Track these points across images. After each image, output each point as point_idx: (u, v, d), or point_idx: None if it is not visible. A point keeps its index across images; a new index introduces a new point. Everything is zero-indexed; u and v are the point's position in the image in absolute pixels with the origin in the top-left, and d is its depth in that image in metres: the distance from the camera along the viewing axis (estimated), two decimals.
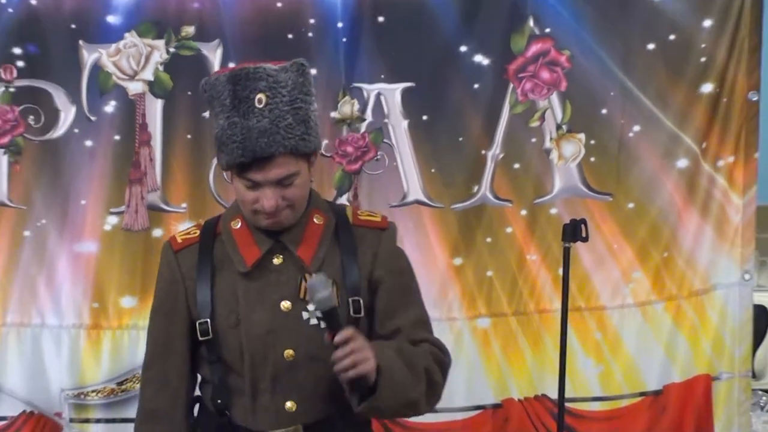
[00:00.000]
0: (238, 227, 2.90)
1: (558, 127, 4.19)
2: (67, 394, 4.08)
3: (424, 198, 4.17)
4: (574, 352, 4.09)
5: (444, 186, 4.17)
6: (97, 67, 4.08)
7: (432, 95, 4.14)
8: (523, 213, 4.20)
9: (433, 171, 4.16)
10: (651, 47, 4.17)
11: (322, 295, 2.62)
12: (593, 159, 4.20)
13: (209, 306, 2.86)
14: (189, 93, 3.99)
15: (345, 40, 4.11)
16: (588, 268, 4.21)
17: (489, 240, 4.19)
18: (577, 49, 4.16)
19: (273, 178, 2.75)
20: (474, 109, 4.16)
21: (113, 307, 4.07)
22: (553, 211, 4.20)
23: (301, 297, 2.82)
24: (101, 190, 4.10)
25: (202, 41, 4.08)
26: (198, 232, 2.95)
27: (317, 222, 2.89)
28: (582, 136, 4.20)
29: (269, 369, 2.81)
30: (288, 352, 2.80)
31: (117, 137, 4.10)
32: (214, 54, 4.08)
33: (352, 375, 2.65)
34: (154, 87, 4.09)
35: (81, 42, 4.07)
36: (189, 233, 2.97)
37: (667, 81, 4.19)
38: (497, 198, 4.18)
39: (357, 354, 2.65)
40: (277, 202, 2.77)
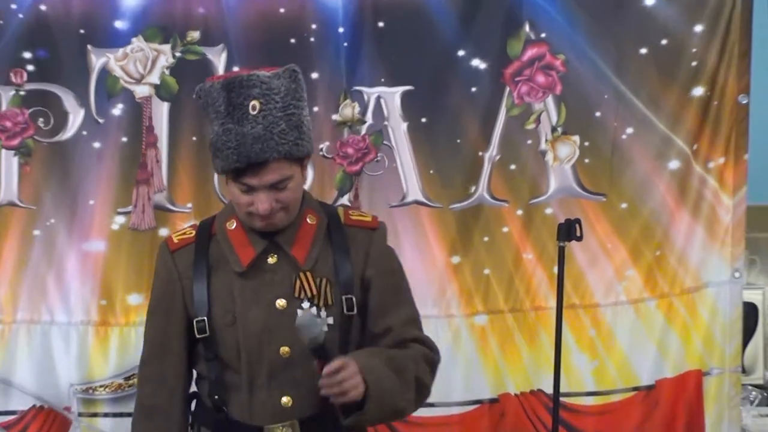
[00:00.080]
0: (233, 228, 2.92)
1: (553, 130, 4.19)
2: (76, 389, 4.09)
3: (422, 198, 4.17)
4: (568, 348, 4.09)
5: (442, 186, 4.16)
6: (105, 71, 4.06)
7: (430, 98, 4.14)
8: (519, 213, 4.20)
9: (432, 172, 4.16)
10: (643, 52, 4.16)
11: (312, 334, 2.67)
12: (587, 160, 4.20)
13: (206, 305, 2.88)
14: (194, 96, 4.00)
15: (346, 44, 4.11)
16: (582, 266, 4.20)
17: (486, 239, 4.19)
18: (572, 54, 4.15)
19: (267, 182, 2.78)
20: (471, 112, 4.16)
21: (120, 305, 4.07)
22: (549, 211, 4.20)
23: (296, 295, 2.85)
24: (109, 190, 4.10)
25: (207, 46, 4.07)
26: (194, 232, 2.98)
27: (310, 222, 2.92)
28: (576, 138, 4.20)
29: (265, 366, 2.84)
30: (284, 349, 2.83)
31: (124, 139, 4.09)
32: (218, 58, 4.08)
33: (340, 401, 2.70)
34: (160, 90, 4.08)
35: (89, 46, 4.05)
36: (185, 234, 2.99)
37: (660, 84, 4.17)
38: (494, 198, 4.19)
39: (346, 383, 2.69)
40: (272, 205, 2.80)
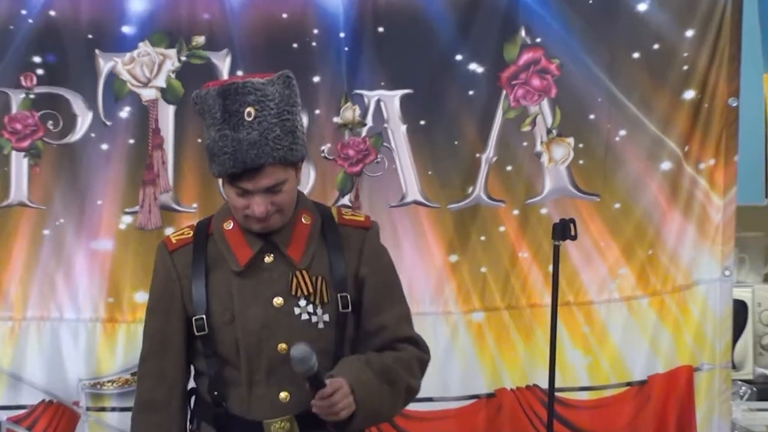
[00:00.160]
0: (230, 228, 2.93)
1: (548, 132, 4.21)
2: (84, 384, 4.10)
3: (421, 198, 4.18)
4: (563, 344, 4.10)
5: (440, 187, 4.18)
6: (113, 75, 4.07)
7: (429, 101, 4.15)
8: (516, 213, 4.21)
9: (430, 173, 4.17)
10: (636, 56, 4.17)
11: (307, 365, 2.67)
12: (581, 162, 4.21)
13: (204, 303, 2.89)
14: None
15: (347, 49, 4.12)
16: (576, 264, 4.21)
17: (483, 238, 4.20)
18: (567, 58, 4.17)
19: (263, 186, 2.79)
20: (469, 115, 4.17)
21: (128, 302, 4.07)
22: (544, 211, 4.21)
23: (293, 293, 2.86)
24: (116, 191, 4.10)
25: (211, 50, 4.08)
26: (191, 232, 2.99)
27: (305, 222, 2.93)
28: (571, 140, 4.21)
29: (264, 362, 2.85)
30: (281, 345, 2.84)
31: (131, 141, 4.10)
32: (223, 62, 4.09)
33: (331, 420, 2.72)
34: (166, 94, 4.10)
35: (97, 51, 4.06)
36: (183, 234, 3.00)
37: (652, 88, 4.19)
38: (491, 198, 4.20)
39: (337, 406, 2.73)
40: (267, 208, 2.81)
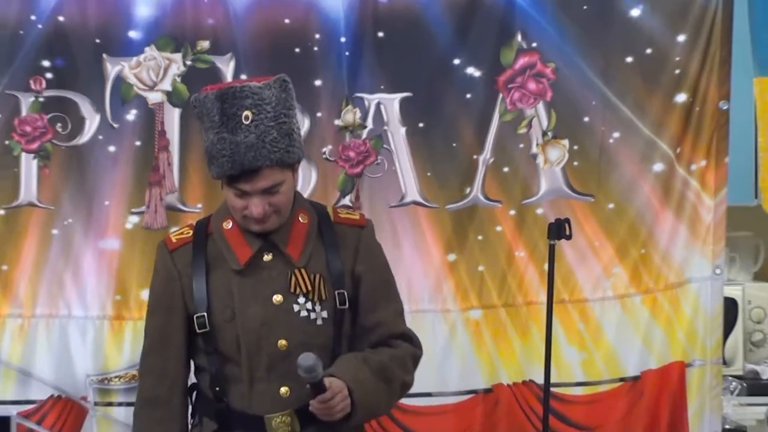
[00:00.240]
0: (229, 227, 2.95)
1: (544, 134, 4.21)
2: (92, 379, 4.11)
3: (420, 199, 4.19)
4: (558, 341, 4.11)
5: (439, 188, 4.18)
6: (120, 79, 4.08)
7: (428, 104, 4.16)
8: (512, 213, 4.22)
9: (429, 174, 4.18)
10: (629, 60, 4.18)
11: (313, 373, 2.71)
12: (576, 163, 4.22)
13: (205, 301, 2.90)
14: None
15: (348, 53, 4.13)
16: (571, 263, 4.21)
17: (480, 238, 4.21)
18: (562, 62, 4.17)
19: (260, 188, 2.81)
20: (466, 117, 4.18)
21: (134, 300, 4.08)
22: (540, 211, 4.22)
23: (292, 291, 2.87)
24: (123, 191, 4.11)
25: (216, 55, 4.09)
26: (191, 232, 3.00)
27: (302, 221, 2.95)
28: (566, 142, 4.21)
29: (264, 358, 2.86)
30: (281, 342, 2.86)
31: (138, 143, 4.11)
32: (227, 66, 4.10)
33: (327, 420, 2.74)
34: (172, 97, 4.11)
35: (104, 55, 4.07)
36: (182, 233, 3.02)
37: (644, 91, 4.20)
38: (488, 199, 4.21)
39: (335, 408, 2.75)
40: (265, 208, 2.83)
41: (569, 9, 4.16)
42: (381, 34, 4.13)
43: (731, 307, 4.61)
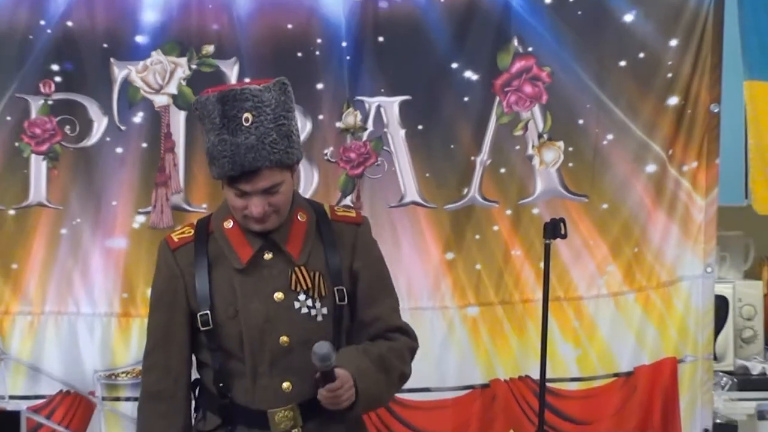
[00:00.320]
0: (230, 227, 2.95)
1: (539, 136, 4.22)
2: (100, 375, 4.12)
3: (419, 199, 4.19)
4: (554, 337, 4.12)
5: (437, 188, 4.20)
6: (127, 82, 4.09)
7: (427, 107, 4.17)
8: (509, 213, 4.23)
9: (428, 175, 4.19)
10: (623, 64, 4.20)
11: (327, 361, 2.73)
12: (571, 164, 4.24)
13: (208, 299, 2.89)
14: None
15: (349, 57, 4.13)
16: (566, 262, 4.23)
17: (478, 237, 4.22)
18: (557, 66, 4.19)
19: (260, 188, 2.81)
20: (464, 120, 4.19)
21: (141, 297, 4.08)
22: (535, 211, 4.23)
23: (292, 288, 2.87)
24: (130, 192, 4.12)
25: (220, 59, 4.10)
26: (192, 231, 3.00)
27: (301, 219, 2.95)
28: (561, 143, 4.23)
29: (267, 354, 2.87)
30: (283, 338, 2.87)
31: (144, 145, 4.12)
32: (231, 70, 4.11)
33: (333, 409, 2.75)
34: (177, 100, 4.12)
35: (112, 60, 4.08)
36: (184, 233, 3.01)
37: (638, 94, 4.21)
38: (485, 199, 4.22)
39: (342, 397, 2.75)
40: (264, 208, 2.83)
41: (564, 14, 4.18)
42: (381, 38, 4.14)
43: (722, 305, 4.61)
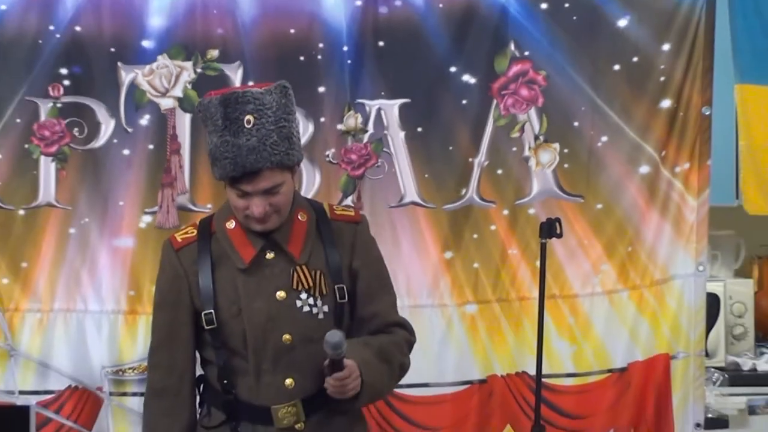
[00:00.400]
0: (232, 227, 2.95)
1: (536, 138, 4.23)
2: (107, 371, 4.12)
3: (418, 200, 4.20)
4: (549, 334, 4.13)
5: (436, 189, 4.20)
6: (134, 86, 4.10)
7: (426, 110, 4.18)
8: (505, 213, 4.24)
9: (427, 176, 4.20)
10: (617, 68, 4.20)
11: (339, 349, 2.74)
12: (566, 165, 4.24)
13: (212, 298, 2.89)
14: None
15: (350, 61, 4.14)
16: (562, 261, 4.24)
17: (475, 236, 4.23)
18: (553, 70, 4.20)
19: (261, 188, 2.82)
20: (462, 122, 4.20)
21: (147, 295, 4.09)
22: (532, 211, 4.24)
23: (294, 287, 2.87)
24: (137, 192, 4.13)
25: (225, 63, 4.11)
26: (195, 231, 3.01)
27: (301, 219, 2.96)
28: (557, 145, 4.23)
29: (270, 352, 2.87)
30: (286, 336, 2.87)
31: (151, 147, 4.13)
32: (235, 74, 4.11)
33: (340, 398, 2.76)
34: (183, 103, 4.12)
35: (119, 63, 4.09)
36: (187, 233, 3.02)
37: (631, 97, 4.22)
38: (482, 200, 4.22)
39: (348, 386, 2.75)
40: (265, 208, 2.83)
41: (560, 19, 4.18)
42: (381, 43, 4.14)
43: (713, 302, 4.61)
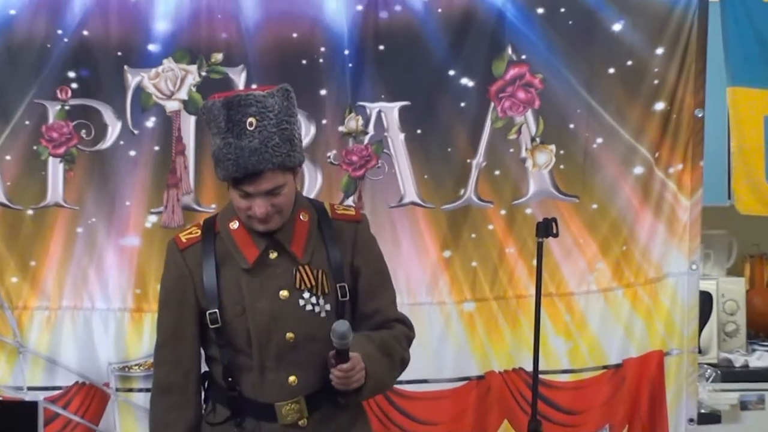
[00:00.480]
0: (236, 228, 2.96)
1: (532, 140, 4.23)
2: (114, 367, 4.13)
3: (418, 200, 4.21)
4: (546, 331, 4.13)
5: (435, 189, 4.21)
6: (140, 89, 4.11)
7: (425, 112, 4.19)
8: (503, 213, 4.24)
9: (426, 177, 4.20)
10: (611, 71, 4.21)
11: (345, 339, 2.76)
12: (562, 166, 4.25)
13: (216, 298, 2.89)
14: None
15: (351, 65, 4.15)
16: (558, 259, 4.25)
17: (474, 236, 4.24)
18: (549, 73, 4.21)
19: (263, 189, 2.82)
20: (461, 124, 4.20)
21: (153, 293, 4.09)
22: (528, 211, 4.24)
23: (297, 287, 2.87)
24: (143, 193, 4.14)
25: (228, 66, 4.12)
26: (199, 231, 3.01)
27: (303, 219, 2.96)
28: (553, 147, 4.24)
29: (273, 350, 2.88)
30: (289, 335, 2.88)
31: (156, 148, 4.14)
32: (239, 77, 4.12)
33: (344, 389, 2.76)
34: (188, 105, 4.13)
35: (126, 67, 4.10)
36: (191, 233, 3.02)
37: (626, 100, 4.23)
38: (480, 200, 4.23)
39: (353, 377, 2.75)
40: (267, 209, 2.84)
41: (556, 24, 4.19)
42: (381, 47, 4.15)
43: (706, 300, 4.63)
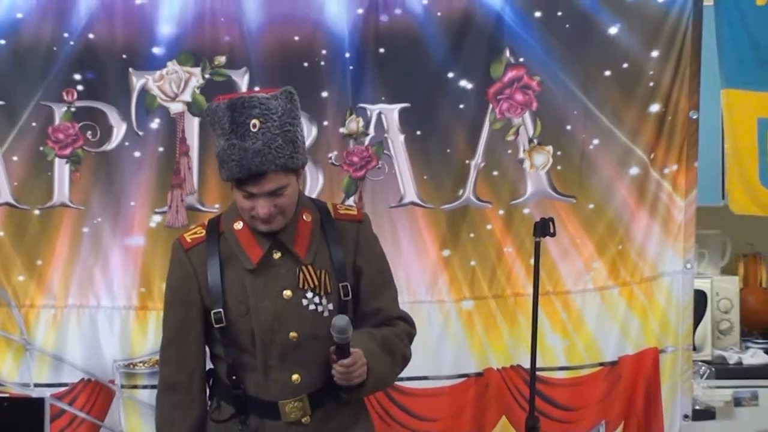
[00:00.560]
0: (240, 228, 2.95)
1: (530, 141, 4.23)
2: (119, 364, 4.13)
3: (417, 200, 4.21)
4: (543, 329, 4.13)
5: (434, 190, 4.21)
6: (144, 91, 4.11)
7: (424, 114, 4.19)
8: (501, 213, 4.24)
9: (426, 177, 4.20)
10: (608, 74, 4.21)
11: (345, 334, 2.76)
12: (559, 167, 4.25)
13: (221, 298, 2.89)
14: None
15: (352, 67, 4.15)
16: (555, 259, 4.25)
17: (472, 235, 4.24)
18: (546, 76, 4.20)
19: (266, 190, 2.82)
20: (459, 126, 4.20)
21: (158, 291, 4.10)
22: (526, 211, 4.24)
23: (300, 286, 2.87)
24: (147, 193, 4.14)
25: (232, 69, 4.12)
26: (204, 231, 3.01)
27: (306, 220, 2.96)
28: (550, 148, 4.24)
29: (277, 349, 2.88)
30: (292, 334, 2.88)
31: (161, 149, 4.14)
32: (242, 79, 4.12)
33: (346, 384, 2.75)
34: (192, 107, 4.13)
35: (131, 69, 4.10)
36: (196, 233, 3.02)
37: (622, 102, 4.23)
38: (479, 200, 4.22)
39: (355, 373, 2.74)
40: (270, 209, 2.83)
41: (553, 27, 4.20)
42: (382, 50, 4.14)
43: (701, 299, 4.63)
